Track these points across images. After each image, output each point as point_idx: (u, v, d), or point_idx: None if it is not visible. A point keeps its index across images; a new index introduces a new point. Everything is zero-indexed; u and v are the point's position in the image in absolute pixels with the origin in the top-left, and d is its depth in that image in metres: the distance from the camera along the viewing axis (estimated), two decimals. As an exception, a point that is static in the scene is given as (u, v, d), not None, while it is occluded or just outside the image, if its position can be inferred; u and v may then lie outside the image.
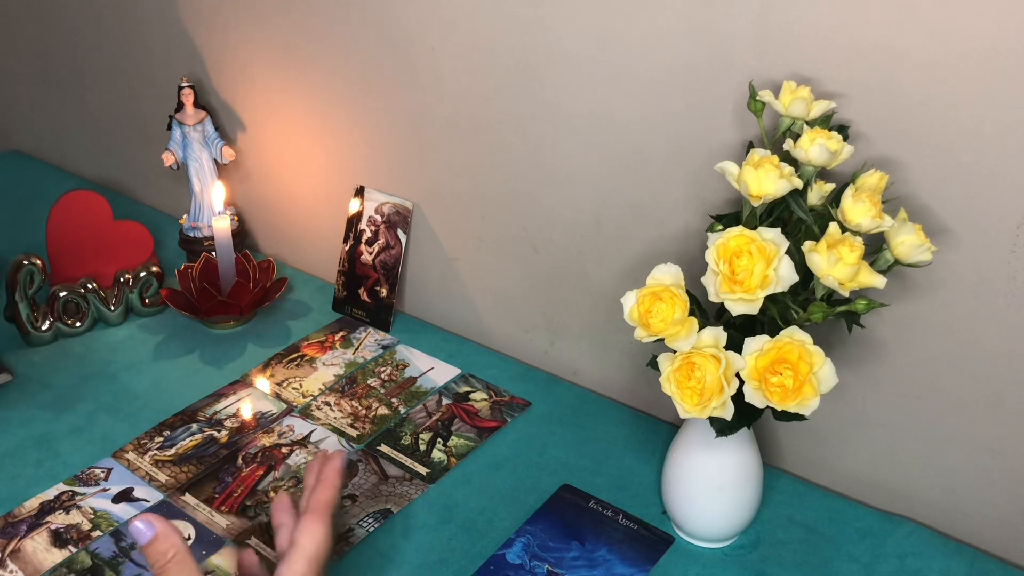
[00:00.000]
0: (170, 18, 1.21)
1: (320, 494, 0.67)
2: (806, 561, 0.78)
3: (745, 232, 0.65)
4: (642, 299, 0.68)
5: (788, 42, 0.74)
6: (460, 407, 0.96)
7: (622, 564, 0.77)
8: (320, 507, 0.65)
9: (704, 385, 0.65)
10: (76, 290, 1.07)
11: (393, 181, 1.08)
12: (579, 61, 0.86)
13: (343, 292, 1.12)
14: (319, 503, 0.66)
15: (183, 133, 1.16)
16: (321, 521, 0.65)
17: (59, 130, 1.54)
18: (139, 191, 1.44)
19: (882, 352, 0.79)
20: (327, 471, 0.69)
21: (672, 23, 0.79)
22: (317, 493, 0.67)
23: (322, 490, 0.67)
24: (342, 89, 1.07)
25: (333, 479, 0.68)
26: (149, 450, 0.91)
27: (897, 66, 0.70)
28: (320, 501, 0.66)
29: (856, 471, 0.85)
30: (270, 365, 1.03)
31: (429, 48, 0.96)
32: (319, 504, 0.66)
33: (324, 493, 0.67)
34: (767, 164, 0.66)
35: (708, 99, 0.80)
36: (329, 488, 0.67)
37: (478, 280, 1.06)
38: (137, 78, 1.32)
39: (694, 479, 0.77)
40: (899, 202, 0.72)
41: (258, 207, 1.26)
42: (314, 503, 0.66)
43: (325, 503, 0.66)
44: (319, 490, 0.67)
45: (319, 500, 0.66)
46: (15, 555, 0.79)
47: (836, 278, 0.63)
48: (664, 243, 0.88)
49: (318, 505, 0.66)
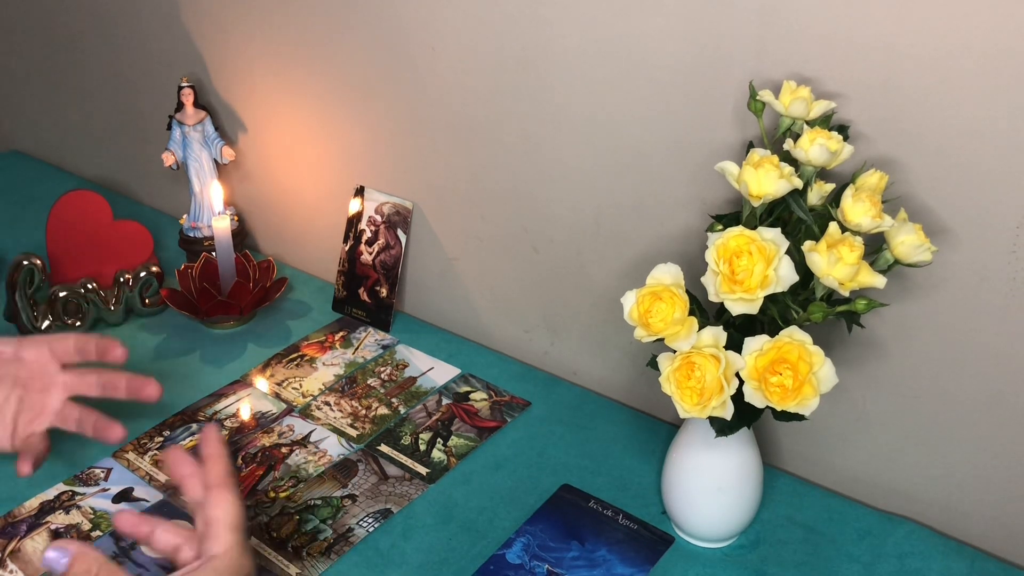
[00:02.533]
0: (170, 18, 1.21)
1: (214, 468, 0.67)
2: (806, 561, 0.78)
3: (745, 232, 0.65)
4: (642, 299, 0.68)
5: (788, 42, 0.74)
6: (460, 407, 0.96)
7: (622, 564, 0.77)
8: (220, 479, 0.66)
9: (704, 385, 0.65)
10: (76, 290, 1.07)
11: (393, 181, 1.08)
12: (579, 61, 0.86)
13: (343, 292, 1.12)
14: (218, 476, 0.66)
15: (183, 133, 1.16)
16: (228, 491, 0.65)
17: (59, 130, 1.54)
18: (139, 191, 1.44)
19: (882, 352, 0.79)
20: (206, 448, 0.69)
21: (672, 23, 0.79)
22: (211, 466, 0.67)
23: (213, 463, 0.67)
24: (342, 89, 1.07)
25: (216, 451, 0.68)
26: (149, 450, 0.91)
27: (897, 66, 0.70)
28: (218, 474, 0.67)
29: (856, 471, 0.85)
30: (270, 365, 1.03)
31: (429, 48, 0.96)
32: (218, 477, 0.66)
33: (217, 465, 0.67)
34: (767, 164, 0.66)
35: (708, 99, 0.80)
36: (219, 459, 0.68)
37: (478, 280, 1.06)
38: (137, 78, 1.32)
39: (694, 479, 0.77)
40: (899, 202, 0.72)
41: (258, 207, 1.26)
42: (214, 477, 0.66)
43: (223, 474, 0.67)
44: (211, 464, 0.67)
45: (217, 473, 0.67)
46: (15, 555, 0.79)
47: (836, 278, 0.63)
48: (664, 243, 0.88)
49: (218, 478, 0.66)
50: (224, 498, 0.65)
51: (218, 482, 0.66)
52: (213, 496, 0.65)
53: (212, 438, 0.69)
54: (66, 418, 0.81)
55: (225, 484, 0.66)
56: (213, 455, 0.68)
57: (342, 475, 0.87)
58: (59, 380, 0.82)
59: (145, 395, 0.82)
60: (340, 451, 0.90)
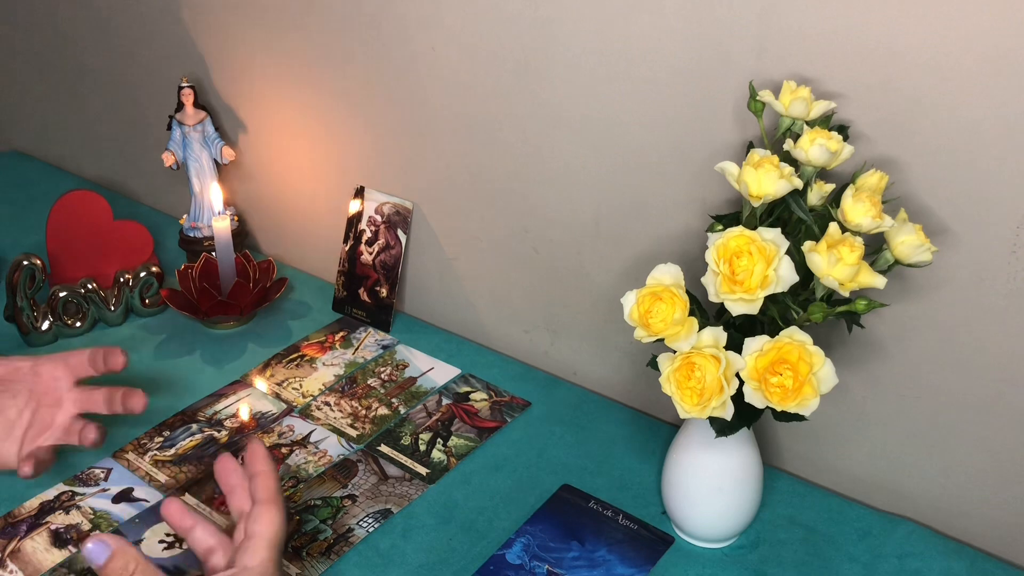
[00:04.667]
0: (170, 18, 1.21)
1: (264, 482, 0.68)
2: (806, 561, 0.78)
3: (745, 232, 0.65)
4: (642, 299, 0.68)
5: (788, 42, 0.74)
6: (460, 407, 0.96)
7: (622, 564, 0.77)
8: (270, 494, 0.67)
9: (704, 385, 0.65)
10: (76, 290, 1.07)
11: (393, 181, 1.08)
12: (579, 61, 0.86)
13: (343, 292, 1.12)
14: (268, 491, 0.67)
15: (183, 133, 1.16)
16: (275, 507, 0.66)
17: (59, 130, 1.53)
18: (139, 191, 1.44)
19: (882, 352, 0.79)
20: (256, 464, 0.70)
21: (672, 23, 0.79)
22: (261, 482, 0.68)
23: (264, 479, 0.68)
24: (342, 89, 1.07)
25: (266, 467, 0.69)
26: (149, 450, 0.91)
27: (897, 66, 0.70)
28: (268, 488, 0.67)
29: (856, 471, 0.85)
30: (270, 365, 1.03)
31: (429, 48, 0.96)
32: (268, 492, 0.67)
33: (267, 481, 0.68)
34: (767, 164, 0.66)
35: (708, 99, 0.80)
36: (269, 476, 0.68)
37: (478, 280, 1.06)
38: (137, 78, 1.32)
39: (694, 479, 0.77)
40: (899, 202, 0.72)
41: (258, 207, 1.26)
42: (263, 492, 0.67)
43: (273, 489, 0.67)
44: (260, 480, 0.68)
45: (267, 488, 0.67)
46: (15, 555, 0.79)
47: (836, 278, 0.63)
48: (664, 243, 0.88)
49: (267, 493, 0.67)
50: (270, 514, 0.66)
51: (267, 497, 0.67)
52: (259, 510, 0.66)
53: (260, 454, 0.70)
54: (71, 433, 0.81)
55: (273, 501, 0.67)
56: (264, 471, 0.68)
57: (342, 475, 0.87)
58: (69, 396, 0.82)
59: (129, 407, 0.82)
60: (340, 451, 0.90)
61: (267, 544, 0.64)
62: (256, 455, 0.70)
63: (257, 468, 0.69)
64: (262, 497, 0.67)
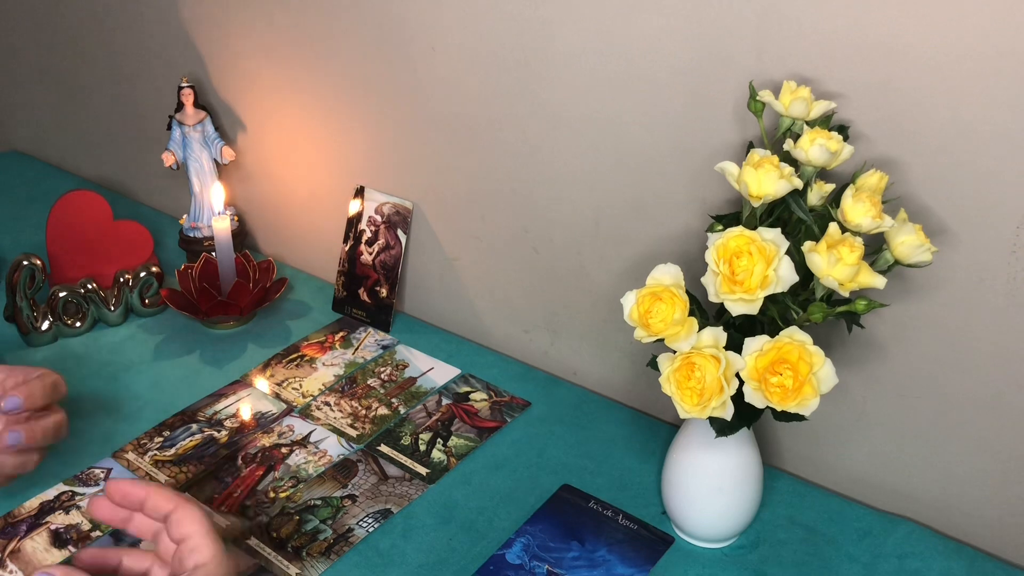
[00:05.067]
0: (170, 18, 1.21)
1: (156, 497, 0.65)
2: (806, 561, 0.78)
3: (745, 232, 0.65)
4: (642, 299, 0.68)
5: (788, 42, 0.74)
6: (460, 407, 0.96)
7: (622, 564, 0.77)
8: (172, 501, 0.64)
9: (704, 385, 0.65)
10: (76, 290, 1.07)
11: (393, 181, 1.08)
12: (579, 61, 0.86)
13: (343, 292, 1.12)
14: (167, 500, 0.65)
15: (183, 133, 1.16)
16: (187, 504, 0.64)
17: (59, 130, 1.53)
18: (139, 191, 1.44)
19: (882, 352, 0.79)
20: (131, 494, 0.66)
21: (672, 23, 0.79)
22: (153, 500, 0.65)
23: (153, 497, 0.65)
24: (342, 89, 1.07)
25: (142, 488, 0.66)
26: (149, 450, 0.91)
27: (897, 66, 0.70)
28: (165, 498, 0.65)
29: (856, 471, 0.85)
30: (270, 365, 1.03)
31: (429, 48, 0.96)
32: (168, 501, 0.65)
33: (158, 495, 0.65)
34: (767, 164, 0.66)
35: (708, 99, 0.80)
36: (155, 491, 0.65)
37: (478, 280, 1.06)
38: (137, 78, 1.32)
39: (694, 479, 0.77)
40: (899, 202, 0.72)
41: (258, 207, 1.26)
42: (164, 504, 0.65)
43: (170, 496, 0.65)
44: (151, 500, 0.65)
45: (163, 498, 0.65)
46: (15, 555, 0.79)
47: (836, 278, 0.63)
48: (664, 243, 0.88)
49: (168, 502, 0.64)
50: (189, 512, 0.64)
51: (172, 505, 0.64)
52: (175, 516, 0.64)
53: (126, 486, 0.66)
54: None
55: (180, 502, 0.64)
56: (147, 492, 0.66)
57: (342, 475, 0.87)
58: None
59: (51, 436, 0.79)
60: (340, 451, 0.90)
61: (205, 536, 0.62)
62: (124, 490, 0.66)
63: (137, 496, 0.66)
64: (168, 507, 0.64)
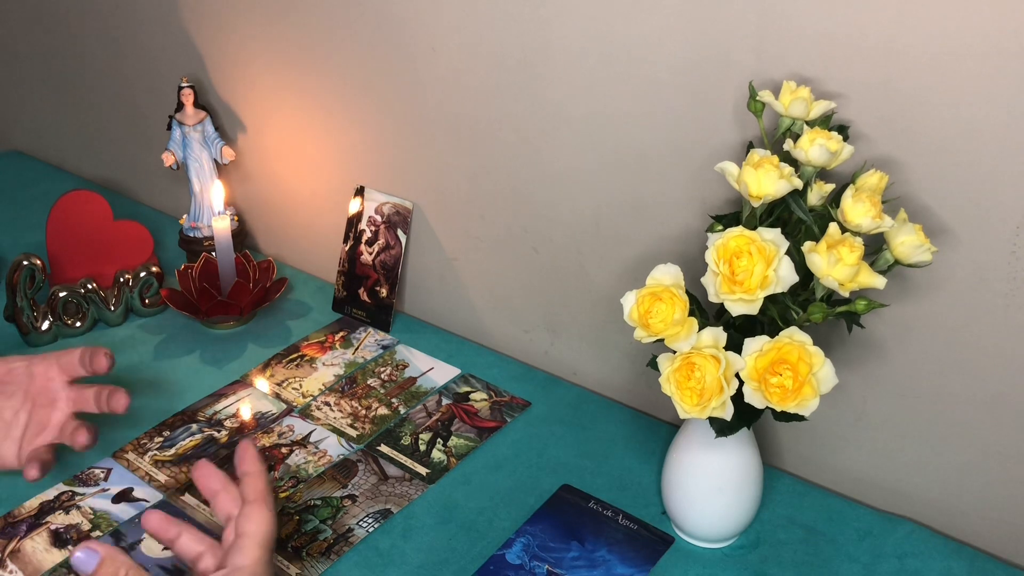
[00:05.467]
0: (170, 18, 1.21)
1: (254, 482, 0.67)
2: (806, 561, 0.78)
3: (745, 232, 0.65)
4: (642, 299, 0.68)
5: (788, 42, 0.74)
6: (460, 407, 0.96)
7: (622, 564, 0.77)
8: (260, 494, 0.66)
9: (704, 385, 0.65)
10: (76, 290, 1.07)
11: (393, 181, 1.08)
12: (579, 61, 0.86)
13: (343, 292, 1.12)
14: (258, 491, 0.67)
15: (183, 133, 1.16)
16: (265, 507, 0.66)
17: (59, 130, 1.54)
18: (139, 191, 1.44)
19: (882, 352, 0.79)
20: (245, 462, 0.69)
21: (672, 23, 0.79)
22: (250, 482, 0.67)
23: (253, 479, 0.68)
24: (342, 89, 1.07)
25: (255, 468, 0.69)
26: (149, 450, 0.91)
27: (897, 66, 0.70)
28: (258, 489, 0.67)
29: (856, 471, 0.85)
30: (270, 365, 1.03)
31: (429, 48, 0.96)
32: (257, 492, 0.67)
33: (257, 481, 0.68)
34: (767, 164, 0.66)
35: (708, 99, 0.80)
36: (259, 476, 0.68)
37: (478, 280, 1.06)
38: (137, 78, 1.32)
39: (694, 479, 0.77)
40: (899, 202, 0.72)
41: (258, 207, 1.26)
42: (253, 492, 0.67)
43: (263, 489, 0.67)
44: (250, 480, 0.68)
45: (256, 488, 0.67)
46: (15, 555, 0.79)
47: (836, 278, 0.63)
48: (664, 243, 0.88)
49: (257, 493, 0.66)
50: (260, 514, 0.65)
51: (256, 497, 0.66)
52: (248, 510, 0.65)
53: (250, 455, 0.70)
54: (66, 433, 0.81)
55: (263, 500, 0.66)
56: (253, 472, 0.68)
57: (342, 475, 0.87)
58: (63, 395, 0.83)
59: (112, 406, 0.82)
60: (340, 451, 0.90)
61: (258, 543, 0.64)
62: (246, 455, 0.70)
63: (247, 468, 0.69)
64: (252, 497, 0.66)
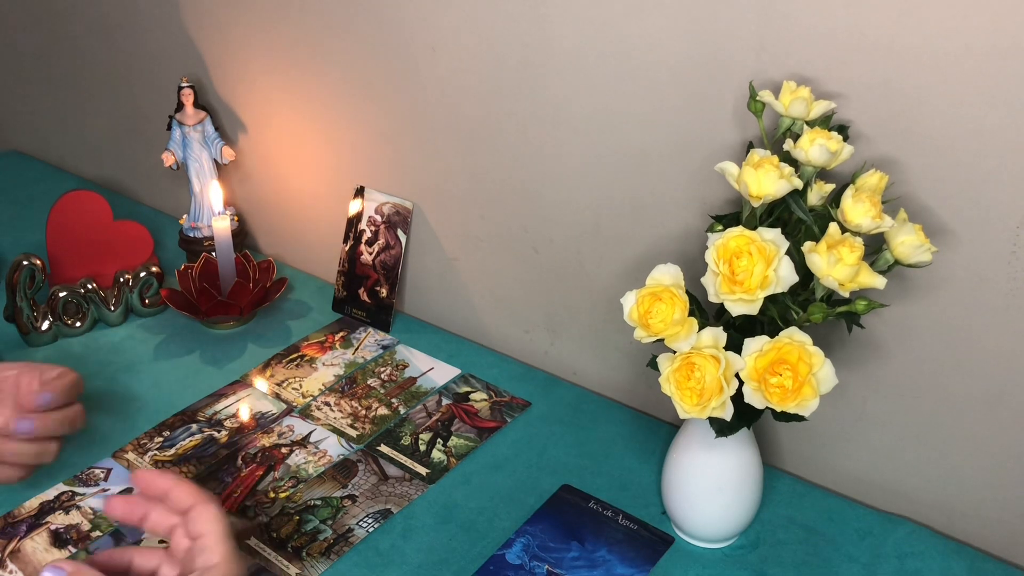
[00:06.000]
0: (170, 18, 1.21)
1: (180, 492, 0.65)
2: (806, 561, 0.78)
3: (745, 232, 0.65)
4: (642, 299, 0.68)
5: (788, 42, 0.74)
6: (460, 407, 0.96)
7: (622, 564, 0.77)
8: (195, 495, 0.64)
9: (704, 385, 0.65)
10: (76, 290, 1.07)
11: (393, 181, 1.08)
12: (579, 61, 0.86)
13: (343, 292, 1.12)
14: (191, 494, 0.65)
15: (183, 133, 1.16)
16: (208, 503, 0.64)
17: (59, 130, 1.54)
18: (139, 191, 1.44)
19: (882, 352, 0.79)
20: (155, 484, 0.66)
21: (672, 23, 0.79)
22: (177, 493, 0.65)
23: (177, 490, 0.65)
24: (342, 89, 1.07)
25: (169, 480, 0.66)
26: (149, 450, 0.91)
27: (897, 66, 0.70)
28: (190, 491, 0.65)
29: (856, 471, 0.85)
30: (270, 365, 1.03)
31: (429, 48, 0.96)
32: (192, 494, 0.64)
33: (182, 489, 0.65)
34: (767, 164, 0.66)
35: (708, 99, 0.80)
36: (180, 485, 0.65)
37: (478, 280, 1.06)
38: (137, 78, 1.32)
39: (694, 479, 0.77)
40: (899, 202, 0.72)
41: (258, 207, 1.26)
42: (187, 497, 0.64)
43: (194, 491, 0.65)
44: (174, 493, 0.65)
45: (188, 491, 0.65)
46: (15, 555, 0.79)
47: (836, 279, 0.63)
48: (664, 243, 0.88)
49: (192, 496, 0.64)
50: (208, 511, 0.63)
51: (194, 499, 0.64)
52: (195, 513, 0.64)
53: (151, 476, 0.66)
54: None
55: (202, 498, 0.64)
56: (171, 485, 0.66)
57: (342, 475, 0.87)
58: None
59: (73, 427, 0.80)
60: (340, 451, 0.90)
61: (220, 539, 0.62)
62: (149, 479, 0.66)
63: (160, 485, 0.66)
64: (190, 501, 0.64)
